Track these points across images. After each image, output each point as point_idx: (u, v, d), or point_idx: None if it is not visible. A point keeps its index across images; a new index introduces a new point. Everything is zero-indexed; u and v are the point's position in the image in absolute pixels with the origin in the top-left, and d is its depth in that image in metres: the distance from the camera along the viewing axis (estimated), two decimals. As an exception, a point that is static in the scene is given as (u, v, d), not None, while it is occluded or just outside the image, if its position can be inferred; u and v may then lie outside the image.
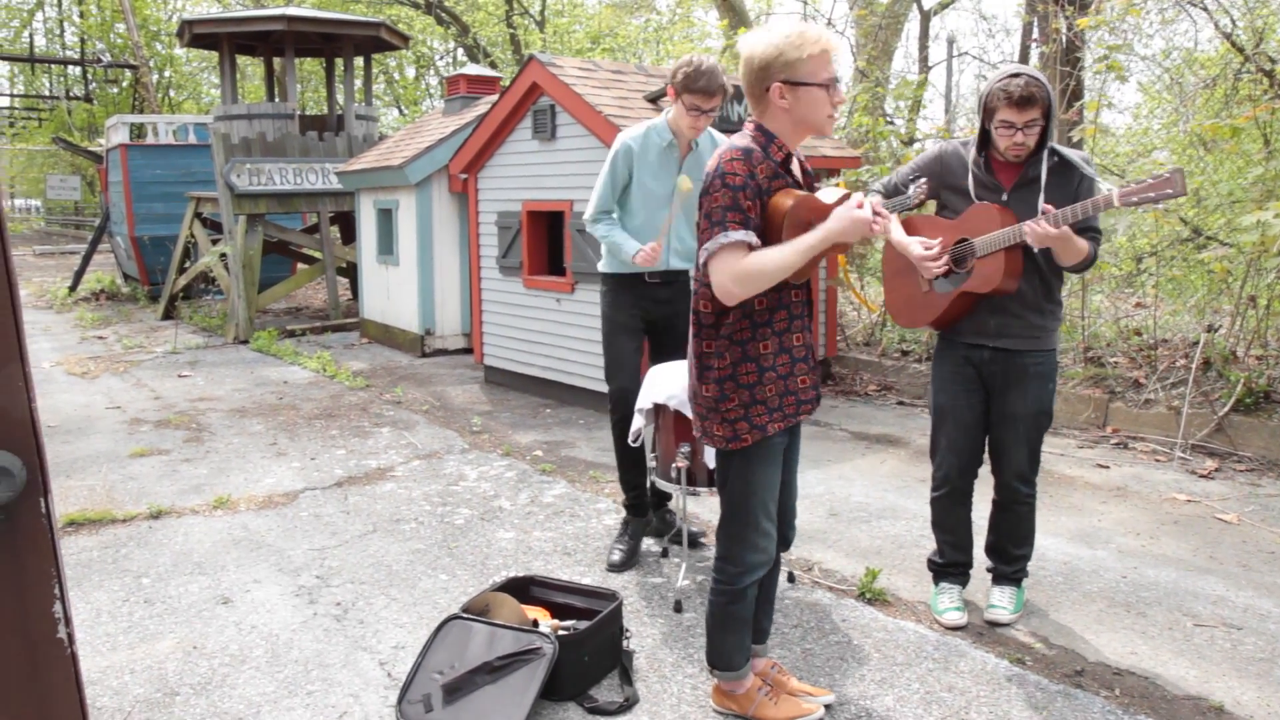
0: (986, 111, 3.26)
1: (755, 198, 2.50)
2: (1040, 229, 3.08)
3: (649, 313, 4.15)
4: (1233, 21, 7.11)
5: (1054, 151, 3.31)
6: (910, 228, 3.47)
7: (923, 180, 3.16)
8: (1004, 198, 3.32)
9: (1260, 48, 6.89)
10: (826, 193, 2.63)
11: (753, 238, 2.48)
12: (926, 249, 3.30)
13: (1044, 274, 3.36)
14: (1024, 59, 11.56)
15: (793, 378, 2.68)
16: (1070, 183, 3.29)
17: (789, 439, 2.81)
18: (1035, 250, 3.26)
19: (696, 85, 3.73)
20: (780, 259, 2.47)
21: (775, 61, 2.48)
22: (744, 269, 2.46)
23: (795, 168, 2.65)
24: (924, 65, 13.18)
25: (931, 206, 3.56)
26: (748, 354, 2.62)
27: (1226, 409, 5.69)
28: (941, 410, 3.55)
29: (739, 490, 2.73)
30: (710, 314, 2.63)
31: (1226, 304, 6.83)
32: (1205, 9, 7.26)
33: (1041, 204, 3.17)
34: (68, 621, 1.21)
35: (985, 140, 3.34)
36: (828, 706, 2.95)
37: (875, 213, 2.52)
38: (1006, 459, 3.49)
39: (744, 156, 2.50)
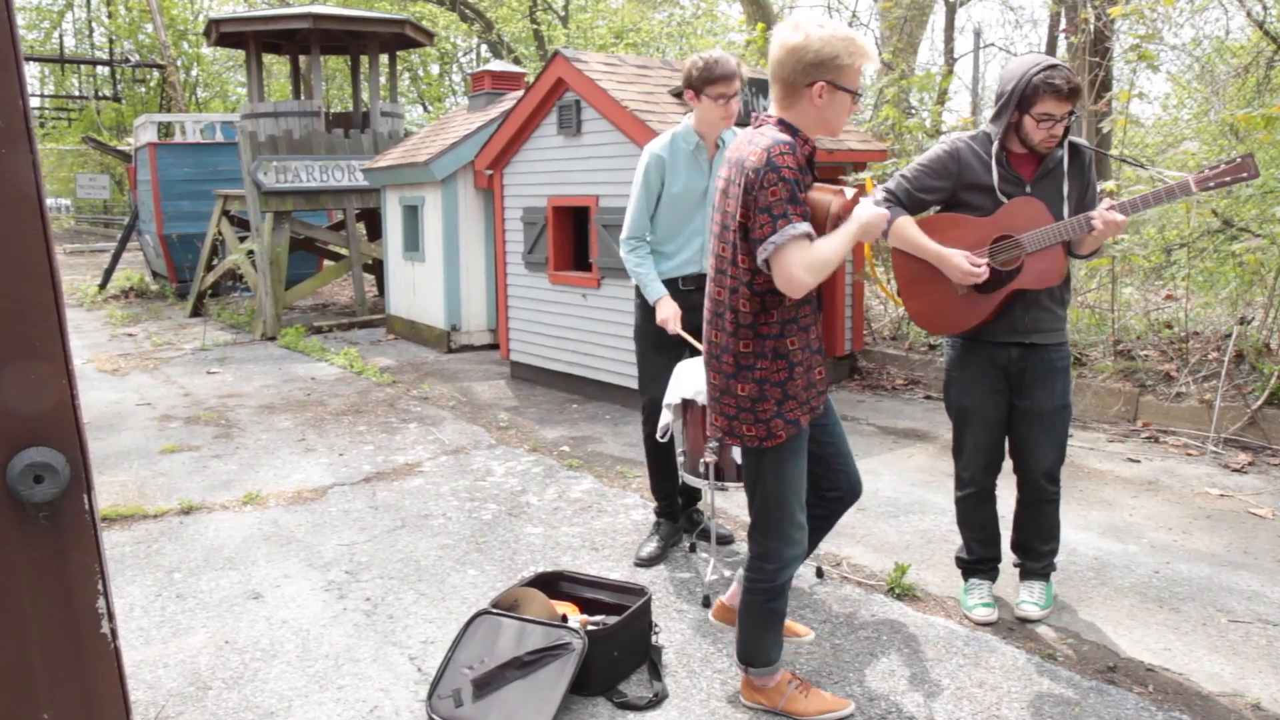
0: (1023, 102, 3.20)
1: (804, 188, 2.53)
2: (1114, 218, 3.07)
3: (685, 321, 4.10)
4: (1265, 8, 7.00)
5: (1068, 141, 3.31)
6: (932, 228, 3.36)
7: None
8: (1027, 190, 3.29)
9: (1294, 36, 6.79)
10: (847, 190, 2.66)
11: (811, 229, 2.51)
12: (974, 265, 3.22)
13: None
14: (1051, 49, 11.44)
15: (813, 370, 2.72)
16: (1083, 169, 3.32)
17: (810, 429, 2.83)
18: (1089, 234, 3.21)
19: (716, 74, 3.73)
20: (837, 247, 2.53)
21: (830, 62, 2.50)
22: (814, 259, 2.48)
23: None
24: (949, 57, 13.08)
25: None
26: (779, 351, 2.64)
27: (1260, 402, 5.61)
28: (965, 412, 3.51)
29: (773, 487, 2.73)
30: (750, 313, 2.63)
31: (1259, 296, 6.73)
32: (1237, -3, 7.17)
33: (1108, 204, 3.12)
34: (111, 617, 1.23)
35: (1011, 132, 3.30)
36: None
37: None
38: (1035, 457, 3.46)
39: (791, 150, 2.51)
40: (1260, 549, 4.18)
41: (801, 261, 2.47)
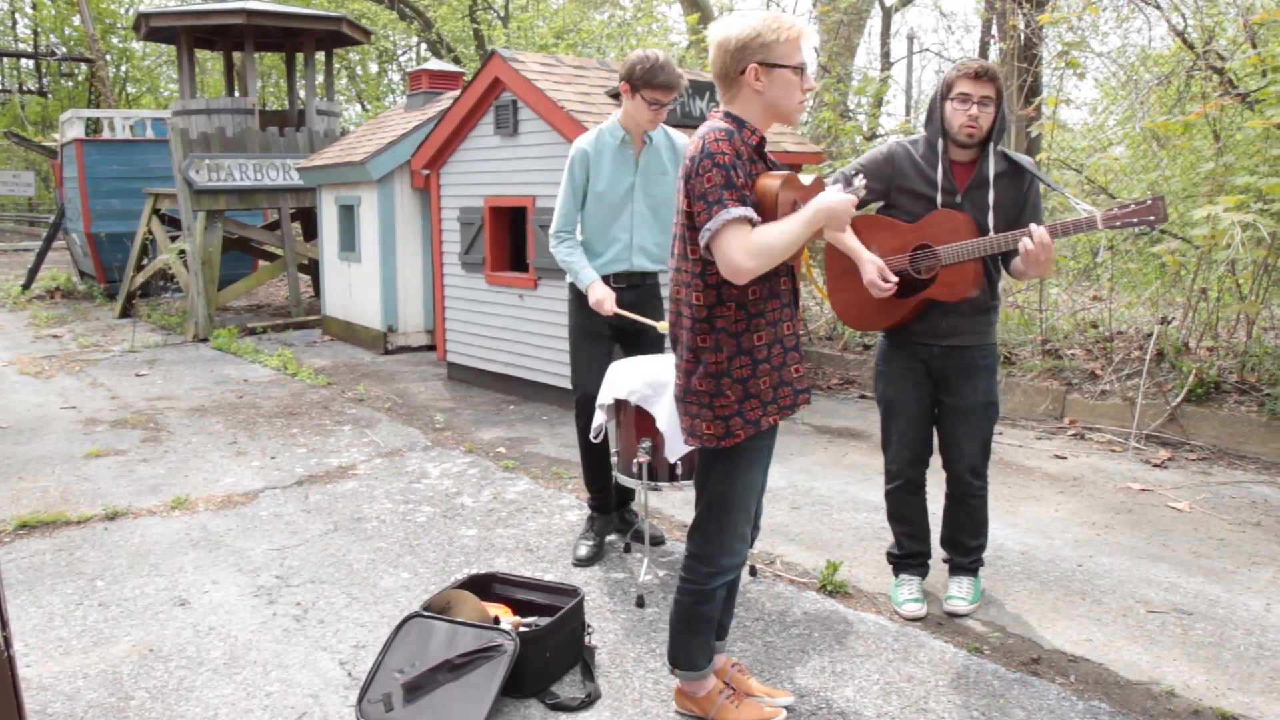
0: (944, 91, 3.30)
1: (746, 176, 2.49)
2: (1035, 247, 3.06)
3: (617, 318, 4.11)
4: (1184, 19, 7.22)
5: (1005, 155, 3.35)
6: (861, 228, 3.42)
7: (863, 180, 3.13)
8: (958, 199, 3.34)
9: (1210, 46, 7.01)
10: (802, 178, 2.64)
11: (753, 214, 2.45)
12: (884, 279, 3.24)
13: (990, 276, 3.43)
14: (984, 55, 11.67)
15: (786, 368, 2.65)
16: (1021, 185, 3.35)
17: (773, 440, 2.78)
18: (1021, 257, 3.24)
19: (658, 80, 3.73)
20: (787, 231, 2.45)
21: (753, 43, 2.49)
22: (755, 243, 2.42)
23: (767, 154, 2.64)
24: (886, 61, 13.27)
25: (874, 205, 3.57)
26: (742, 346, 2.58)
27: (1179, 399, 5.79)
28: (891, 404, 3.59)
29: (720, 491, 2.70)
30: (702, 306, 2.58)
31: (1179, 297, 6.94)
32: (1158, 7, 7.37)
33: (1033, 226, 3.12)
34: (4, 625, 1.20)
35: (940, 136, 3.36)
36: (788, 708, 2.96)
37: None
38: (959, 452, 3.54)
39: (727, 137, 2.49)
40: (1177, 542, 4.31)
41: (740, 245, 2.41)
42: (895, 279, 3.26)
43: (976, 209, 3.32)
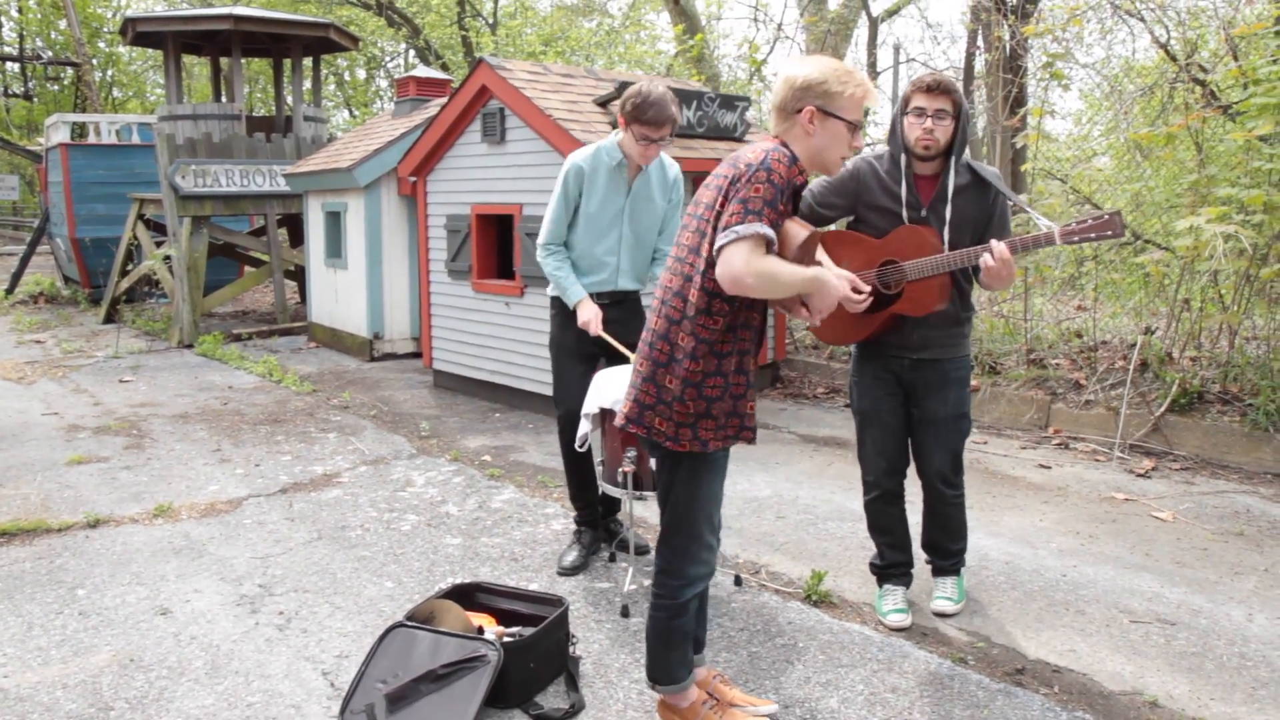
0: (903, 105, 3.34)
1: (786, 204, 2.51)
2: (996, 263, 3.08)
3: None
4: (1168, 32, 7.28)
5: (970, 168, 3.37)
6: (831, 245, 3.42)
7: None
8: (923, 213, 3.36)
9: (1193, 58, 7.07)
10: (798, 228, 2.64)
11: (774, 239, 2.48)
12: (857, 292, 3.27)
13: (961, 288, 3.45)
14: (969, 66, 11.74)
15: (744, 400, 2.67)
16: (985, 198, 3.37)
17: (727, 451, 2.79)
18: (977, 274, 3.27)
19: (645, 117, 3.71)
20: (792, 276, 2.49)
21: (817, 87, 2.53)
22: (764, 266, 2.44)
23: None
24: (872, 71, 13.33)
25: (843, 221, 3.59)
26: (721, 368, 2.60)
27: (1162, 409, 5.82)
28: (865, 415, 3.61)
29: (683, 501, 2.71)
30: (694, 306, 2.57)
31: (1162, 307, 6.99)
32: (1142, 19, 7.44)
33: (994, 243, 3.12)
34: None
35: (900, 153, 3.37)
36: (771, 717, 2.96)
37: (857, 290, 2.69)
38: (929, 462, 3.58)
39: (790, 162, 2.51)
40: (1161, 551, 4.32)
41: (750, 260, 2.42)
42: (868, 289, 3.28)
43: (940, 222, 3.34)
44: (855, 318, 3.43)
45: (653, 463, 3.61)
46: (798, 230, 2.55)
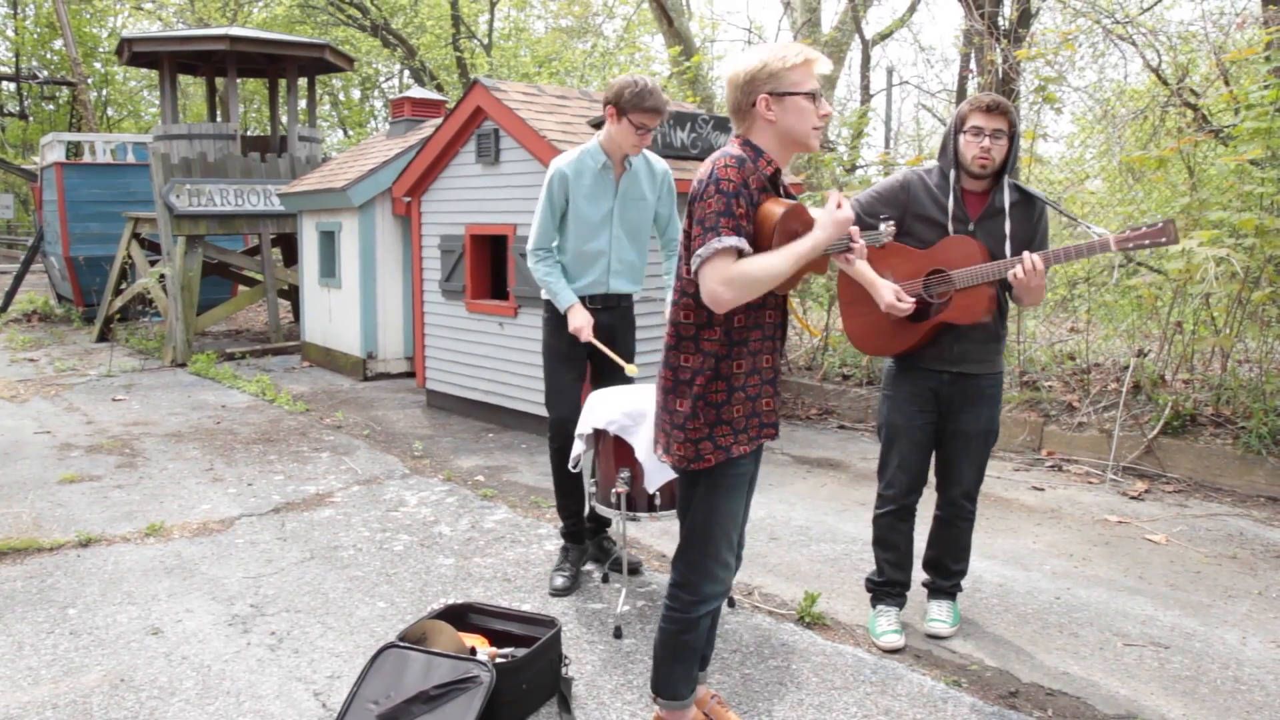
0: (958, 124, 3.37)
1: (749, 205, 2.48)
2: (1030, 264, 3.17)
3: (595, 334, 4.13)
4: (1159, 56, 7.35)
5: (1017, 186, 3.43)
6: (874, 255, 3.46)
7: (892, 221, 3.13)
8: (970, 228, 3.40)
9: (1184, 82, 7.13)
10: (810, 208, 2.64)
11: (744, 244, 2.44)
12: (900, 299, 3.32)
13: (1001, 304, 3.50)
14: (962, 89, 11.81)
15: (760, 399, 2.66)
16: (1032, 215, 3.44)
17: (754, 467, 2.78)
18: (1012, 285, 3.31)
19: (646, 104, 3.76)
20: (771, 265, 2.43)
21: (760, 74, 2.50)
22: (734, 273, 2.41)
23: (782, 185, 2.63)
24: (865, 93, 13.41)
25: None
26: (720, 372, 2.58)
27: (1155, 432, 5.83)
28: (895, 428, 3.61)
29: (701, 518, 2.69)
30: (691, 325, 2.58)
31: (1155, 329, 7.02)
32: (1134, 44, 7.51)
33: (1025, 254, 3.21)
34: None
35: (953, 168, 3.42)
36: None
37: (851, 238, 2.60)
38: (956, 476, 3.60)
39: (738, 164, 2.48)
40: (1154, 574, 4.32)
41: (720, 275, 2.41)
42: (912, 299, 3.33)
43: (989, 238, 3.39)
44: (899, 327, 3.48)
45: (646, 484, 3.62)
46: (773, 209, 2.49)
